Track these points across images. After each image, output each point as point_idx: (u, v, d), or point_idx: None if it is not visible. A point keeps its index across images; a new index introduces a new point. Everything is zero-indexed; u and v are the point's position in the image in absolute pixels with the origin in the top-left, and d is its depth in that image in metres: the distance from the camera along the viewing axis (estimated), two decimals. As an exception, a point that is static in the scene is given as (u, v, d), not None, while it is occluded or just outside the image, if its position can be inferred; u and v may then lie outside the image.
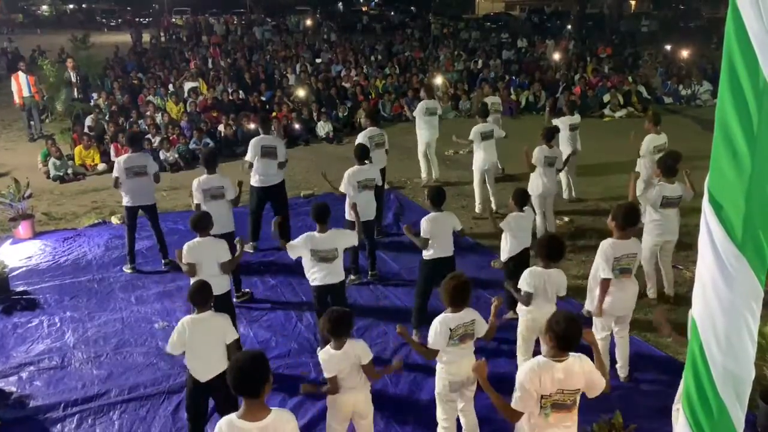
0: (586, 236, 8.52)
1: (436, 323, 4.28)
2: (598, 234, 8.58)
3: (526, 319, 5.20)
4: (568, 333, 3.47)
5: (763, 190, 2.02)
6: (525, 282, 5.08)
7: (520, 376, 3.52)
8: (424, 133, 10.62)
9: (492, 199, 9.29)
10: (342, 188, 7.26)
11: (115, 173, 7.60)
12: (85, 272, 7.81)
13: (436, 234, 5.95)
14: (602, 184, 10.59)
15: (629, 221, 5.24)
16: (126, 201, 7.67)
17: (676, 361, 5.66)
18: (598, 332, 5.29)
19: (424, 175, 10.89)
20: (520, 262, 6.02)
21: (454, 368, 4.36)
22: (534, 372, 3.47)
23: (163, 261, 7.88)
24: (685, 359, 2.42)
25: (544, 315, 4.89)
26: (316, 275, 5.68)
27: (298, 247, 5.62)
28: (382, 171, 8.58)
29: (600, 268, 5.21)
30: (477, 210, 9.38)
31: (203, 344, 4.43)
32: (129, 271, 7.75)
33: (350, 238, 5.89)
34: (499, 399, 3.63)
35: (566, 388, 3.48)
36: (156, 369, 5.77)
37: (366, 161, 7.48)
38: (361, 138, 8.56)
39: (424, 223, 5.95)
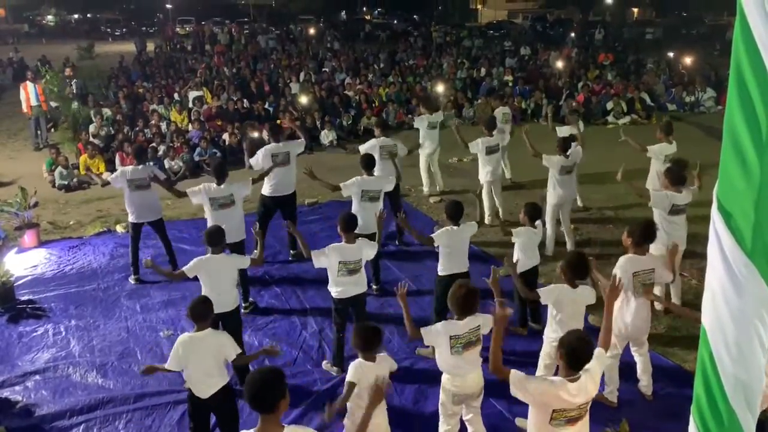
0: (591, 245, 8.50)
1: (439, 325, 4.33)
2: (602, 243, 8.60)
3: (551, 339, 4.92)
4: (578, 352, 3.48)
5: (773, 198, 2.02)
6: (547, 296, 4.84)
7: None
8: (429, 145, 10.59)
9: (500, 209, 9.29)
10: (344, 190, 7.10)
11: (116, 183, 7.62)
12: (90, 281, 7.82)
13: (453, 249, 5.86)
14: (606, 192, 10.56)
15: (646, 237, 5.19)
16: (132, 217, 7.66)
17: (683, 370, 5.63)
18: (609, 352, 5.21)
19: (426, 188, 10.85)
20: (527, 281, 5.71)
21: (459, 381, 4.34)
22: (547, 388, 3.49)
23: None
24: (693, 368, 2.41)
25: None
26: (341, 287, 5.61)
27: (325, 257, 5.49)
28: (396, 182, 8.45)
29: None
30: (486, 221, 9.33)
31: (201, 362, 4.39)
32: (134, 282, 7.75)
33: (373, 250, 5.78)
34: (497, 352, 3.68)
35: (581, 403, 3.49)
36: (162, 378, 5.75)
37: (373, 171, 7.37)
38: (368, 146, 8.46)
39: (443, 236, 5.82)
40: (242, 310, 6.59)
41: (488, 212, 9.34)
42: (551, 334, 4.88)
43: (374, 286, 7.27)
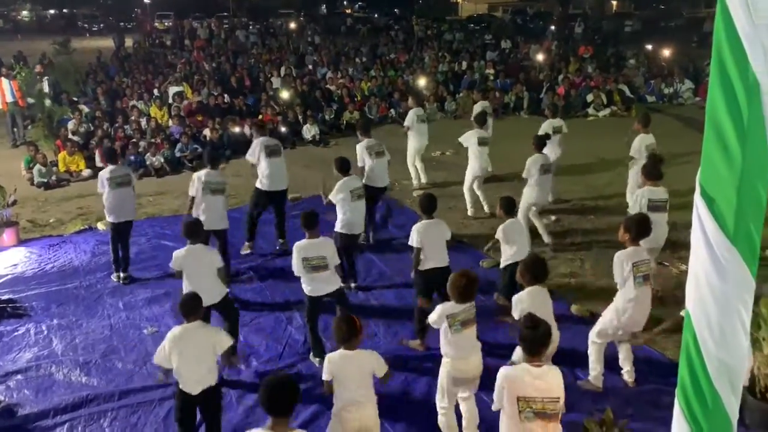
0: (572, 234, 8.58)
1: (439, 308, 4.46)
2: (583, 232, 8.70)
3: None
4: (534, 338, 3.61)
5: (754, 183, 2.06)
6: (518, 309, 4.81)
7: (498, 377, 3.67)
8: (418, 139, 10.59)
9: (484, 202, 9.34)
10: (332, 197, 7.11)
11: (99, 188, 7.54)
12: (72, 279, 7.72)
13: (428, 243, 5.84)
14: (585, 183, 10.68)
15: (643, 232, 5.23)
16: (111, 217, 7.54)
17: (665, 358, 5.70)
18: (598, 337, 5.27)
19: (415, 181, 10.87)
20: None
21: (461, 364, 4.42)
22: (510, 371, 3.63)
23: (122, 275, 7.70)
24: (674, 356, 2.46)
25: None
26: (312, 285, 5.65)
27: (296, 263, 5.61)
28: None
29: (617, 277, 5.14)
30: (469, 213, 9.39)
31: (192, 356, 4.36)
32: (116, 280, 7.67)
33: (336, 258, 5.78)
34: None
35: (545, 396, 3.56)
36: (146, 375, 5.71)
37: (350, 172, 7.33)
38: (359, 149, 8.38)
39: (414, 233, 5.83)
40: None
41: (470, 204, 9.39)
42: None
43: (352, 284, 7.21)
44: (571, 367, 5.44)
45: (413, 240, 5.83)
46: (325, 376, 4.10)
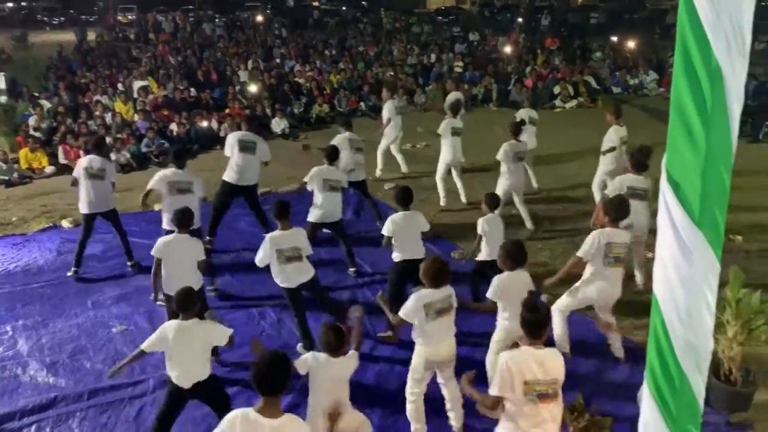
0: (542, 224, 8.68)
1: (412, 297, 4.45)
2: (551, 221, 8.81)
3: (503, 324, 4.99)
4: (536, 321, 3.64)
5: (718, 168, 2.11)
6: (494, 293, 4.91)
7: (499, 361, 3.63)
8: (395, 131, 10.64)
9: (462, 192, 9.37)
10: (307, 183, 7.17)
11: (74, 173, 7.51)
12: (37, 278, 7.54)
13: (403, 234, 5.85)
14: (554, 174, 10.80)
15: (622, 214, 5.35)
16: (83, 208, 7.44)
17: (634, 345, 5.80)
18: (564, 305, 5.46)
19: (379, 172, 10.88)
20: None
21: (432, 349, 4.45)
22: (515, 357, 3.61)
23: (129, 263, 7.68)
24: (641, 340, 2.51)
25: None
26: (284, 275, 5.63)
27: (265, 255, 5.56)
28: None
29: (582, 249, 5.31)
30: (442, 203, 9.42)
31: (185, 352, 4.35)
32: (71, 274, 7.51)
33: (309, 247, 5.80)
34: (482, 396, 3.74)
35: (548, 378, 3.59)
36: (116, 374, 5.63)
37: (335, 163, 7.43)
38: (338, 141, 8.36)
39: (389, 223, 5.84)
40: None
41: (443, 194, 9.43)
42: (503, 321, 4.98)
43: (351, 270, 7.39)
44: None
45: (387, 229, 5.86)
46: (301, 371, 4.04)
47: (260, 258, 5.59)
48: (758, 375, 5.10)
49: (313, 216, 7.14)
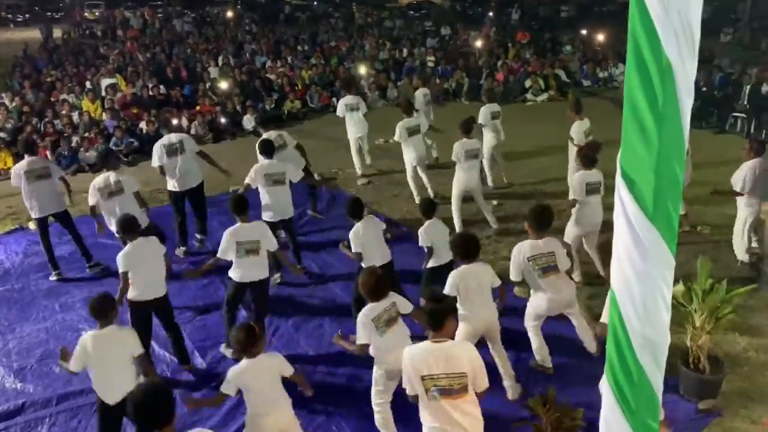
0: (516, 219, 8.73)
1: (360, 318, 4.37)
2: (525, 216, 8.84)
3: (465, 325, 4.92)
4: (436, 312, 3.65)
5: (671, 164, 2.14)
6: (452, 287, 4.89)
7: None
8: (351, 129, 10.59)
9: (428, 187, 9.37)
10: (252, 184, 7.09)
11: (13, 182, 7.30)
12: (3, 282, 7.42)
13: (366, 243, 5.84)
14: (527, 168, 10.88)
15: (542, 223, 5.31)
16: (34, 213, 7.30)
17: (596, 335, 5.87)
18: (531, 321, 5.40)
19: (358, 170, 10.84)
20: (442, 277, 5.26)
21: (390, 358, 4.38)
22: (410, 351, 3.67)
23: (87, 265, 7.57)
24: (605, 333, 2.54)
25: (481, 320, 4.97)
26: (241, 270, 5.62)
27: (226, 247, 5.55)
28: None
29: (510, 272, 5.28)
30: (417, 201, 9.39)
31: (107, 362, 4.20)
32: (55, 278, 7.40)
33: (272, 241, 5.79)
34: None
35: (451, 372, 3.54)
36: (85, 378, 5.44)
37: (271, 156, 7.28)
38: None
39: (354, 238, 5.82)
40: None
41: (416, 192, 9.42)
42: (462, 312, 4.92)
43: (298, 266, 7.18)
44: (518, 350, 5.57)
45: (355, 242, 5.83)
46: (223, 389, 3.98)
47: (221, 250, 5.61)
48: (726, 363, 5.21)
49: (266, 216, 7.01)
